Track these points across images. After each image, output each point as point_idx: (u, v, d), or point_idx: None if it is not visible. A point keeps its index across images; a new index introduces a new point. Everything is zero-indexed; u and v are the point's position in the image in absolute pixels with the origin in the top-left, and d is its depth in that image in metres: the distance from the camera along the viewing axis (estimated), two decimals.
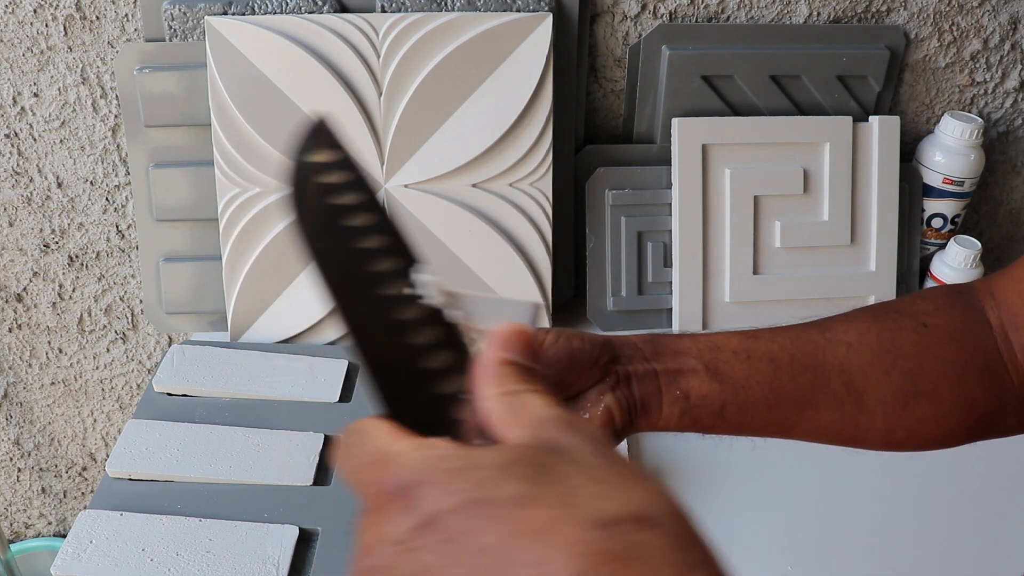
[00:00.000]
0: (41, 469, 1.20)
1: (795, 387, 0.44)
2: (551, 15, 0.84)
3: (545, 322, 0.36)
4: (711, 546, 0.26)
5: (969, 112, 0.99)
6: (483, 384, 0.30)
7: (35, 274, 1.02)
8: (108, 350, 1.08)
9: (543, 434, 0.28)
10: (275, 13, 0.84)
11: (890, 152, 0.94)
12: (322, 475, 0.74)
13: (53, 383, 1.11)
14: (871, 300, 0.95)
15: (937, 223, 0.98)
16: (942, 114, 0.95)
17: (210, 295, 0.92)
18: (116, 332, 1.07)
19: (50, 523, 1.26)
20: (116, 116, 0.92)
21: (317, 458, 0.74)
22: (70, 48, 0.89)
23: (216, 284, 0.91)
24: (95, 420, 1.15)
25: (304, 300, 0.89)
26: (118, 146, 0.94)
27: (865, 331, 0.46)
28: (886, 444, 0.46)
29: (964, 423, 0.46)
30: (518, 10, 0.85)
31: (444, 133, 0.86)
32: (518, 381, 0.30)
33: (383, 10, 0.85)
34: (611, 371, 0.42)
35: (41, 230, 0.99)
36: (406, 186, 0.87)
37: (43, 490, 1.22)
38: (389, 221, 0.35)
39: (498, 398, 0.30)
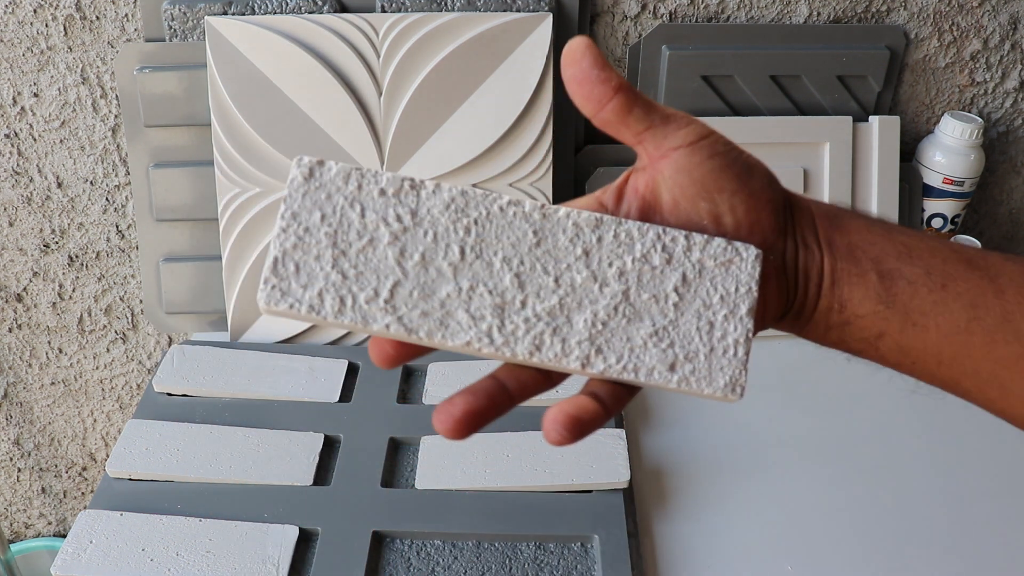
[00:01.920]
0: (41, 469, 1.20)
1: (992, 356, 0.31)
2: (551, 15, 0.84)
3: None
4: None
5: (969, 112, 0.99)
6: None
7: (35, 274, 1.02)
8: (108, 350, 1.08)
9: None
10: (275, 13, 0.84)
11: (890, 152, 0.94)
12: (322, 475, 0.73)
13: (53, 383, 1.11)
14: None
15: (937, 223, 0.98)
16: (942, 114, 0.95)
17: (210, 295, 0.92)
18: (116, 332, 1.07)
19: (50, 523, 1.26)
20: (116, 116, 0.92)
21: (317, 458, 0.74)
22: (70, 48, 0.89)
23: (216, 284, 0.91)
24: (95, 420, 1.15)
25: None
26: (118, 146, 0.94)
27: None
28: None
29: None
30: (518, 10, 0.85)
31: (444, 133, 0.86)
32: None
33: (383, 10, 0.85)
34: (787, 233, 0.32)
35: (41, 230, 0.99)
36: None
37: (43, 490, 1.22)
38: None
39: None
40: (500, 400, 0.31)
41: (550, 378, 0.32)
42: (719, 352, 0.31)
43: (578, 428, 0.30)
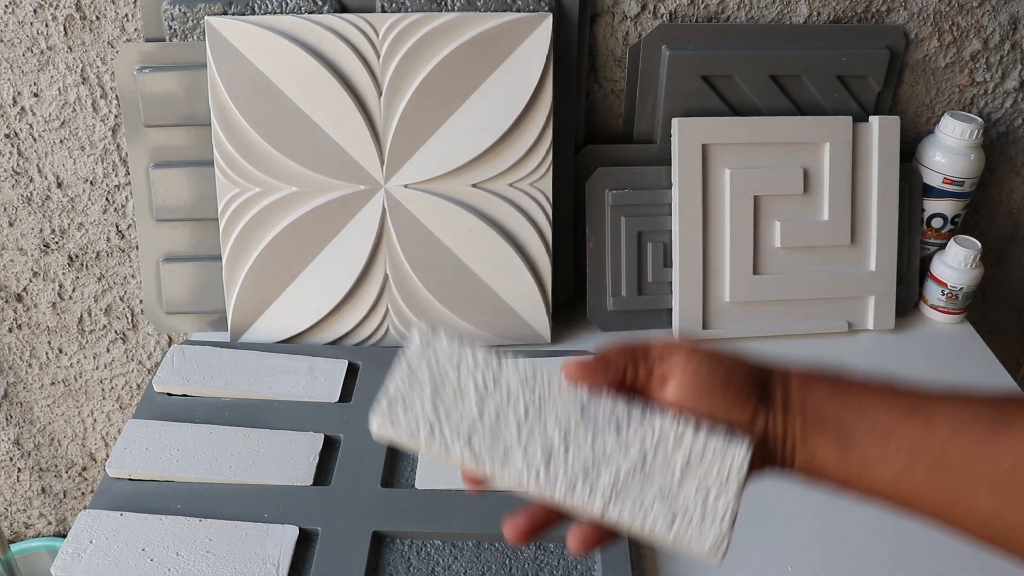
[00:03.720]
0: (41, 469, 1.20)
1: (932, 491, 0.38)
2: (551, 15, 0.84)
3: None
4: None
5: (969, 112, 0.99)
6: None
7: (35, 274, 1.02)
8: (108, 350, 1.08)
9: None
10: (275, 13, 0.84)
11: (890, 152, 0.94)
12: (322, 475, 0.74)
13: (53, 383, 1.11)
14: (871, 300, 0.95)
15: (937, 223, 0.98)
16: (942, 114, 0.95)
17: (210, 295, 0.92)
18: (116, 332, 1.07)
19: (50, 523, 1.26)
20: (116, 116, 0.92)
21: (317, 458, 0.74)
22: (70, 48, 0.89)
23: (216, 284, 0.91)
24: (95, 420, 1.15)
25: (304, 300, 0.89)
26: (118, 146, 0.94)
27: None
28: None
29: None
30: (518, 10, 0.85)
31: (444, 133, 0.86)
32: None
33: (383, 10, 0.85)
34: (759, 411, 0.40)
35: (41, 230, 0.99)
36: (406, 186, 0.87)
37: (43, 490, 1.22)
38: None
39: None
40: (553, 513, 0.41)
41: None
42: (709, 519, 0.39)
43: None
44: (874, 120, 0.93)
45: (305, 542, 0.68)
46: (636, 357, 0.41)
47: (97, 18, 0.88)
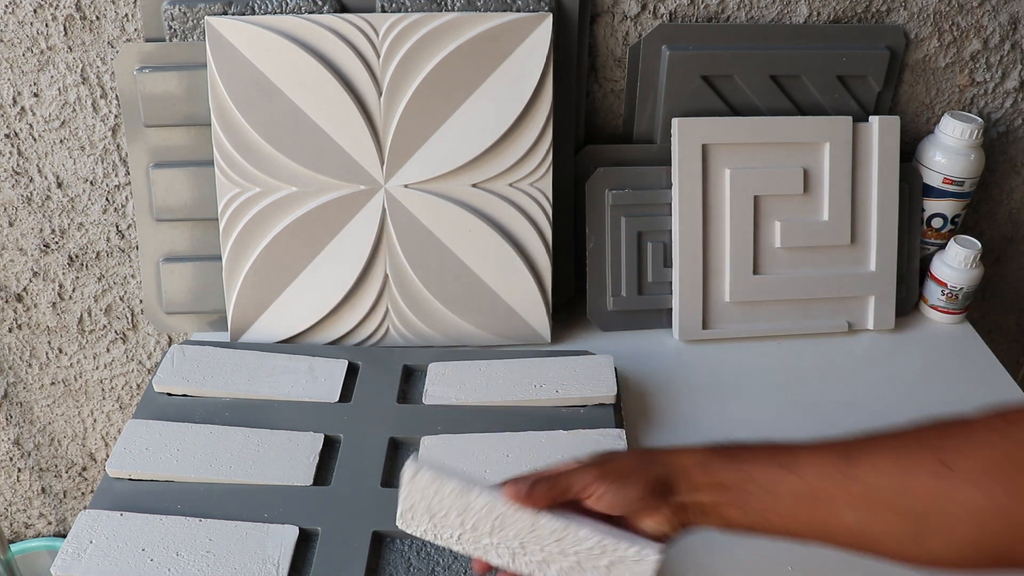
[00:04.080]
0: (41, 469, 1.20)
1: (812, 520, 0.50)
2: (551, 15, 0.84)
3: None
4: None
5: (969, 112, 0.99)
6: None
7: (35, 274, 1.02)
8: (108, 350, 1.08)
9: None
10: (275, 13, 0.84)
11: (890, 152, 0.94)
12: (322, 475, 0.74)
13: (53, 383, 1.11)
14: (871, 300, 0.95)
15: (937, 223, 0.98)
16: (942, 114, 0.95)
17: (210, 295, 0.92)
18: (116, 332, 1.07)
19: (50, 523, 1.26)
20: (116, 116, 0.92)
21: (317, 458, 0.74)
22: (70, 48, 0.89)
23: (216, 284, 0.91)
24: (95, 420, 1.15)
25: (304, 300, 0.89)
26: (118, 146, 0.94)
27: (884, 469, 0.48)
28: (904, 565, 0.49)
29: (984, 559, 0.46)
30: (518, 10, 0.85)
31: (444, 133, 0.86)
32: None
33: (383, 10, 0.85)
34: (667, 502, 0.52)
35: (41, 230, 0.99)
36: (406, 186, 0.87)
37: (43, 490, 1.22)
38: None
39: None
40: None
41: None
42: None
43: None
44: (874, 120, 0.93)
45: (305, 542, 0.68)
46: (562, 487, 0.52)
47: (97, 18, 0.88)
